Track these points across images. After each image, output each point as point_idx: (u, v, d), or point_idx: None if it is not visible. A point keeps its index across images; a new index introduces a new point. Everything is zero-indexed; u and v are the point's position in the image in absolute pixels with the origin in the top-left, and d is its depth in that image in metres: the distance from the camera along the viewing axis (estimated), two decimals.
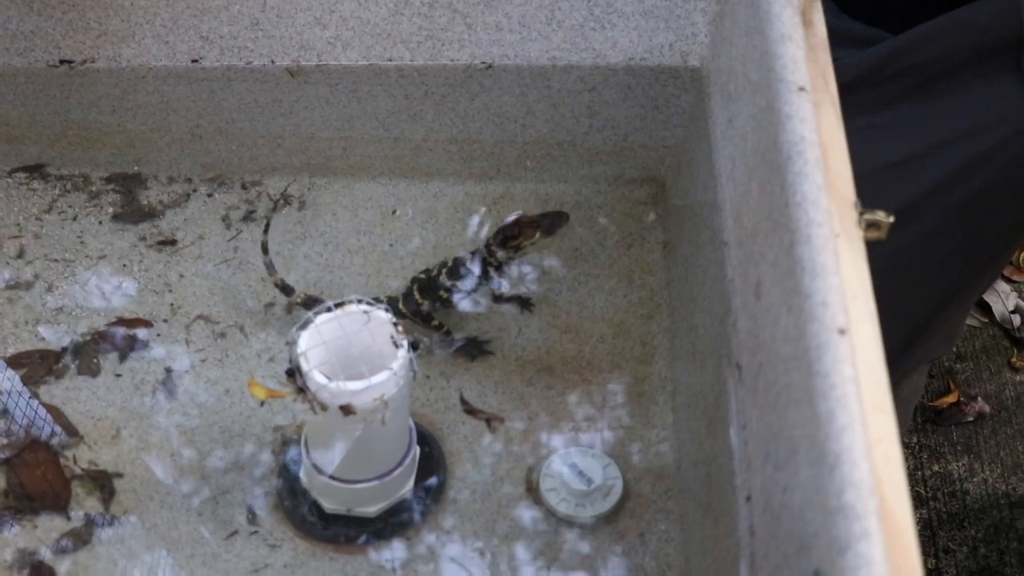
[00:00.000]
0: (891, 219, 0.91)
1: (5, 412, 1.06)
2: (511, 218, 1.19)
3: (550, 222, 1.16)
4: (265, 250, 1.10)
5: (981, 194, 1.15)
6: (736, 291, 0.99)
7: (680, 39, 1.23)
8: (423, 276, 1.16)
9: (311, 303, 1.11)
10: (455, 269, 1.15)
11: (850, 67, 1.18)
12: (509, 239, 1.15)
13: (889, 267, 1.16)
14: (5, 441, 1.04)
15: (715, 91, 1.18)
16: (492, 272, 1.17)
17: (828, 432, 0.72)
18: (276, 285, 1.11)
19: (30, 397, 1.08)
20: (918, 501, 1.46)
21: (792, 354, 0.80)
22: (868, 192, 1.18)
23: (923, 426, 1.52)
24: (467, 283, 1.16)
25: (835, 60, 1.04)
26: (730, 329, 0.98)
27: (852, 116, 1.17)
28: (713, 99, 1.18)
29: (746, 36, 1.06)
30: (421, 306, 1.14)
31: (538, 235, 1.16)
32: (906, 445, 1.49)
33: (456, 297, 1.15)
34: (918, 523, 1.47)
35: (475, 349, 1.15)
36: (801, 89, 0.93)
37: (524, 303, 1.16)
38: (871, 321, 0.81)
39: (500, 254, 1.15)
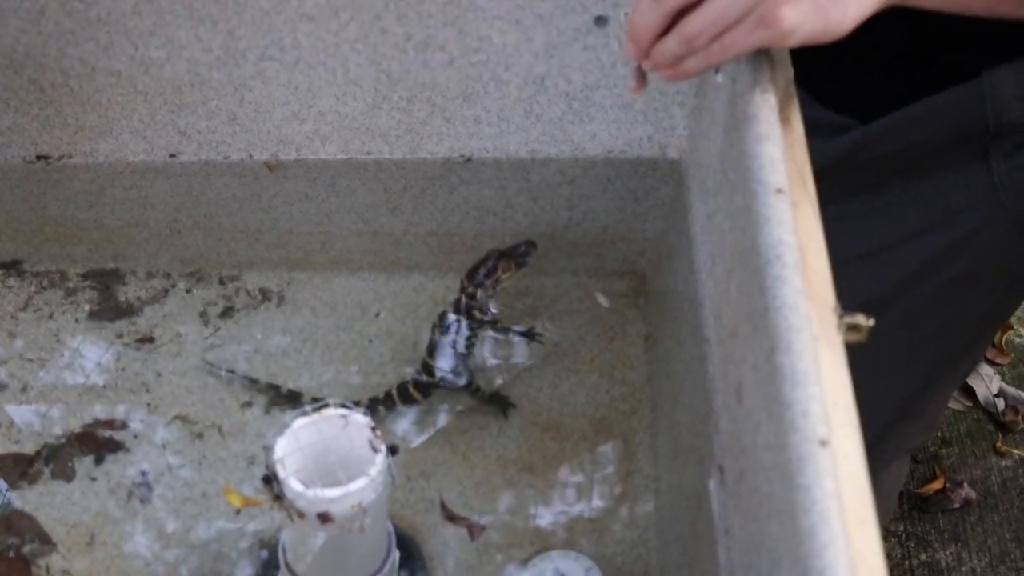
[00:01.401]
0: (871, 322, 0.91)
1: None
2: (479, 259, 1.20)
3: (522, 251, 1.19)
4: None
5: (954, 282, 1.16)
6: (718, 391, 0.99)
7: (659, 131, 1.25)
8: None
9: (294, 396, 1.12)
10: (441, 323, 1.16)
11: (821, 155, 1.20)
12: (487, 276, 1.16)
13: (864, 357, 1.16)
14: None
15: (694, 184, 1.19)
16: (477, 314, 1.17)
17: (810, 549, 0.72)
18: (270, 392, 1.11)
19: (7, 502, 1.08)
20: None
21: (773, 463, 0.80)
22: (843, 282, 1.18)
23: (910, 513, 1.52)
24: (453, 335, 1.17)
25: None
26: (712, 430, 0.98)
27: (824, 204, 1.18)
28: (692, 192, 1.19)
29: (724, 133, 1.07)
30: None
31: (513, 266, 1.18)
32: (893, 533, 1.50)
33: (448, 348, 1.16)
34: None
35: (503, 404, 1.16)
36: (779, 191, 0.93)
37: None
38: (853, 430, 0.80)
39: (479, 293, 1.16)
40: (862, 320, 0.90)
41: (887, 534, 1.49)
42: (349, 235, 1.30)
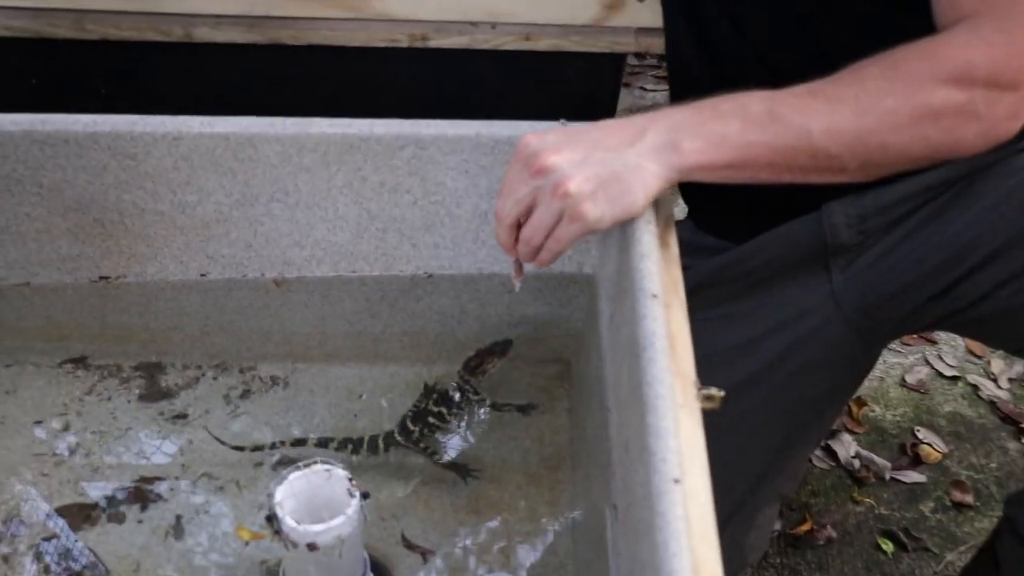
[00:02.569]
0: (722, 393, 0.97)
1: (39, 556, 1.08)
2: (472, 353, 1.24)
3: (502, 347, 1.23)
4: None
5: (802, 368, 1.19)
6: (614, 446, 1.02)
7: (577, 252, 1.29)
8: (413, 409, 1.21)
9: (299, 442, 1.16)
10: (445, 397, 1.21)
11: (701, 272, 1.25)
12: (476, 368, 1.21)
13: (737, 424, 1.22)
14: (58, 570, 1.05)
15: (603, 293, 1.22)
16: (471, 396, 1.22)
17: (664, 557, 0.77)
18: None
19: (75, 540, 1.09)
20: None
21: (644, 496, 0.84)
22: (719, 366, 1.24)
23: (785, 549, 1.53)
24: (455, 407, 1.22)
25: (689, 267, 1.11)
26: (610, 478, 1.01)
27: (704, 309, 1.24)
28: (602, 299, 1.22)
29: (619, 252, 1.10)
30: (412, 433, 1.18)
31: (496, 359, 1.23)
32: (772, 565, 1.51)
33: (451, 420, 1.21)
34: None
35: (465, 472, 1.18)
36: (654, 296, 0.99)
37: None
38: (703, 472, 0.86)
39: (472, 380, 1.21)
40: (715, 391, 0.96)
41: (767, 565, 1.52)
42: (339, 335, 1.32)
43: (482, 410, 1.25)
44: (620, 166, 0.99)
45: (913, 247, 1.15)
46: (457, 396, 1.22)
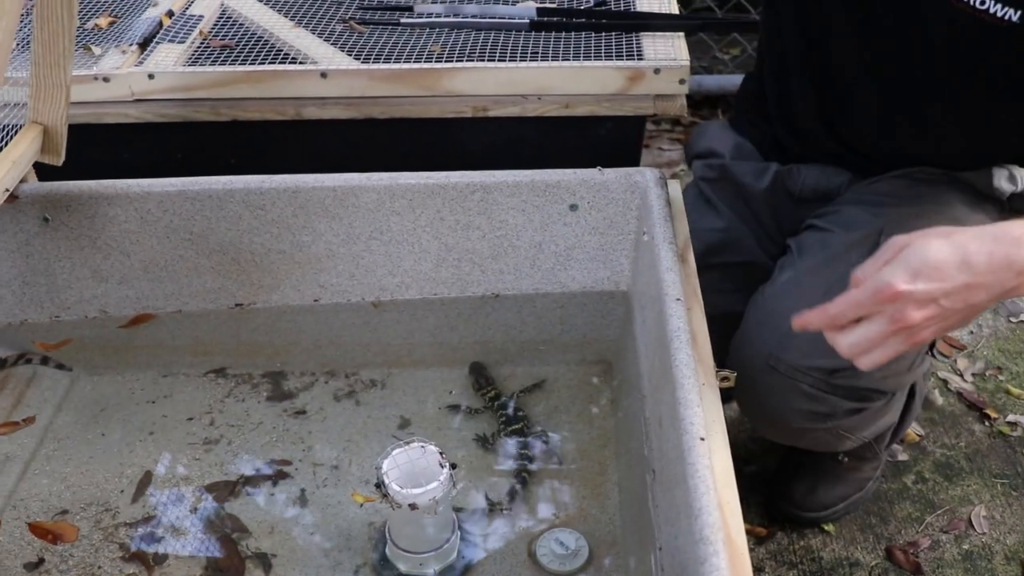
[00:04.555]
0: (735, 374, 1.01)
1: (196, 520, 1.11)
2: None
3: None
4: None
5: None
6: (650, 424, 1.06)
7: (613, 273, 1.31)
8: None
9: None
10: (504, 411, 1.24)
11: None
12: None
13: None
14: (206, 537, 1.09)
15: (636, 304, 1.25)
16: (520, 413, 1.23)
17: (693, 497, 0.80)
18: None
19: (222, 508, 1.13)
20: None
21: (676, 456, 0.88)
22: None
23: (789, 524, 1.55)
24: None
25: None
26: (648, 449, 1.05)
27: None
28: (635, 309, 1.25)
29: (648, 270, 1.15)
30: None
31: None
32: (775, 534, 1.53)
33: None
34: None
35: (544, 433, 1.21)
36: (678, 299, 1.03)
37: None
38: (722, 433, 0.90)
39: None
40: (729, 373, 0.99)
41: (772, 533, 1.52)
42: (424, 345, 1.34)
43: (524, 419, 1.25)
44: (984, 299, 0.82)
45: None
46: (511, 410, 1.25)
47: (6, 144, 1.19)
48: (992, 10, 0.99)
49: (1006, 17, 0.99)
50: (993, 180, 1.22)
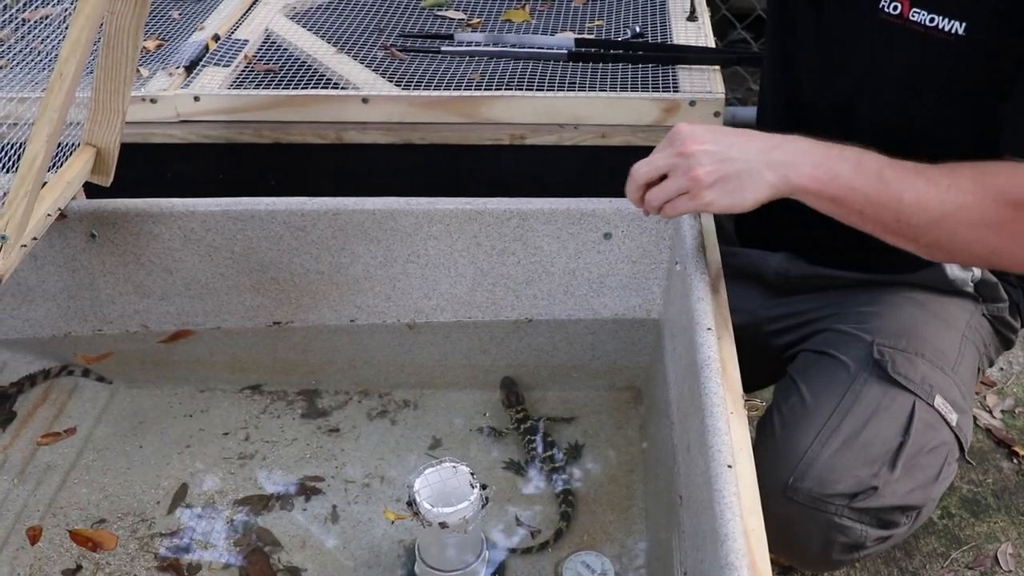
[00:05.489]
0: (764, 404, 1.02)
1: (230, 533, 1.13)
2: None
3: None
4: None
5: None
6: (678, 450, 1.07)
7: (645, 301, 1.32)
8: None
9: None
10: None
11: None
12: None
13: None
14: (238, 549, 1.11)
15: (667, 331, 1.26)
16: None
17: (720, 523, 0.81)
18: None
19: (255, 522, 1.14)
20: None
21: (703, 482, 0.89)
22: None
23: None
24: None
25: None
26: (675, 475, 1.06)
27: None
28: (665, 337, 1.26)
29: (680, 299, 1.16)
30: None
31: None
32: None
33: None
34: None
35: (575, 453, 1.22)
36: (709, 329, 1.04)
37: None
38: (749, 461, 0.91)
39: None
40: (758, 403, 1.00)
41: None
42: (457, 367, 1.35)
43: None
44: (744, 168, 0.99)
45: None
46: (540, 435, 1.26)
47: (61, 164, 1.23)
48: (940, 25, 1.06)
49: (953, 31, 1.05)
50: (946, 272, 1.25)
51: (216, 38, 1.70)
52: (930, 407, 1.14)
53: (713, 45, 1.66)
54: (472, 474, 1.03)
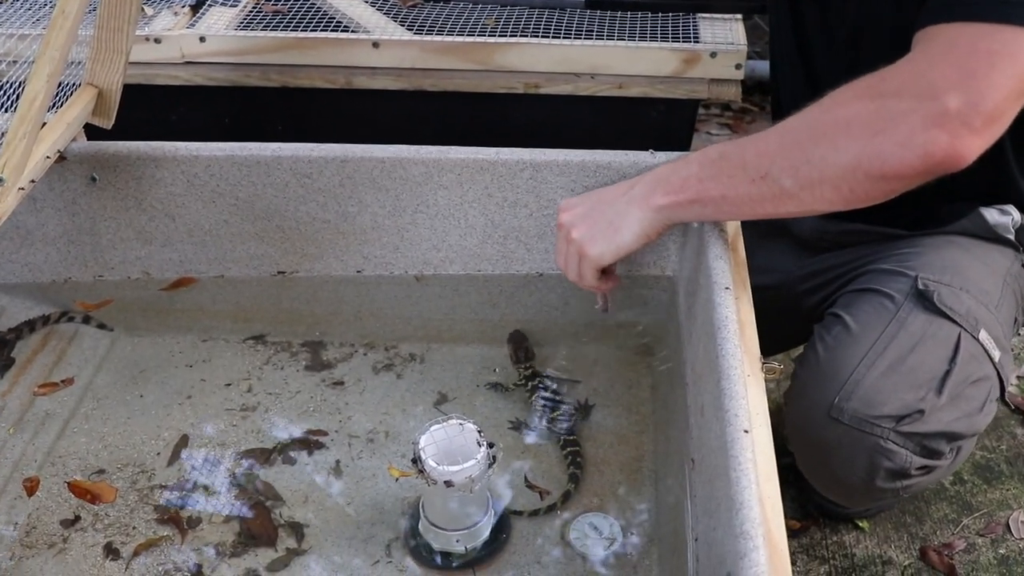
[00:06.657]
0: (781, 367, 0.99)
1: (231, 486, 1.11)
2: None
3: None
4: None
5: None
6: (691, 413, 1.05)
7: (659, 258, 1.30)
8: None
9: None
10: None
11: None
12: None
13: None
14: (240, 502, 1.09)
15: (681, 290, 1.24)
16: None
17: (735, 490, 0.79)
18: None
19: (257, 475, 1.12)
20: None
21: (718, 447, 0.87)
22: None
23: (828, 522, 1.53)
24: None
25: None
26: (687, 437, 1.04)
27: None
28: (680, 295, 1.24)
29: (696, 256, 1.14)
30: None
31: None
32: (814, 538, 1.51)
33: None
34: None
35: (584, 412, 1.21)
36: (727, 288, 1.02)
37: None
38: (766, 426, 0.89)
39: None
40: (776, 365, 0.98)
41: (810, 537, 1.50)
42: (465, 321, 1.33)
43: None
44: (612, 214, 1.07)
45: None
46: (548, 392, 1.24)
47: (61, 104, 1.20)
48: None
49: None
50: (986, 219, 1.21)
51: None
52: (975, 339, 1.12)
53: None
54: (479, 432, 1.02)
